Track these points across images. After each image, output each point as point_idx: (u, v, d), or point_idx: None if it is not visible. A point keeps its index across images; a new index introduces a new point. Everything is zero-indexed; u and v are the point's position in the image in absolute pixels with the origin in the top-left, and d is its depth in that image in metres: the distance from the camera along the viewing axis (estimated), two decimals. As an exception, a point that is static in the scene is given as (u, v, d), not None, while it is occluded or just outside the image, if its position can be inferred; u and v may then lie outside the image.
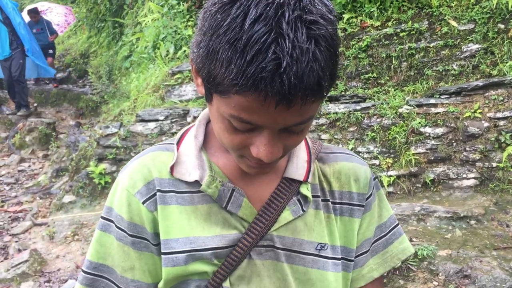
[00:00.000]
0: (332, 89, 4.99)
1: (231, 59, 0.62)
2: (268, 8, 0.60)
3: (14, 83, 8.25)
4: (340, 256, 0.92)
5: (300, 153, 0.92)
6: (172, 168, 0.87)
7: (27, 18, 9.44)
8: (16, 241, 4.70)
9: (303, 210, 0.88)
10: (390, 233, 0.99)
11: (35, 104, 9.37)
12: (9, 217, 5.35)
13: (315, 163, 0.94)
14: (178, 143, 0.91)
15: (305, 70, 0.60)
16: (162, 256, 0.85)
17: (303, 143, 0.93)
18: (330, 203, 0.92)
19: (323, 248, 0.89)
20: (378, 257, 0.98)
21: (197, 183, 0.86)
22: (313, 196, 0.90)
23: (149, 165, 0.88)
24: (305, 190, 0.89)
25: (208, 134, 0.92)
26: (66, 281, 3.91)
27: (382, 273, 0.98)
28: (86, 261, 0.91)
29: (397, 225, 1.01)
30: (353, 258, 0.95)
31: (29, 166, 7.13)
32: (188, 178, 0.86)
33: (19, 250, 4.45)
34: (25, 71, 8.33)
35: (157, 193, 0.86)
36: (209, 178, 0.85)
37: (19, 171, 6.95)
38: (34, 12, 9.66)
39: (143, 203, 0.85)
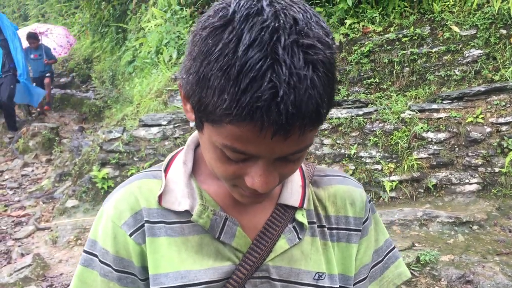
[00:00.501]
0: (335, 94, 5.00)
1: (224, 87, 0.57)
2: (263, 33, 0.56)
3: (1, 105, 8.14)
4: (338, 285, 0.87)
5: (294, 177, 0.87)
6: (160, 197, 0.81)
7: (25, 43, 8.98)
8: (19, 246, 4.71)
9: (299, 238, 0.84)
10: (386, 258, 0.96)
11: (39, 109, 9.41)
12: (12, 221, 5.37)
13: (309, 188, 0.89)
14: (166, 169, 0.86)
15: (303, 98, 0.57)
16: None
17: None
18: (326, 229, 0.88)
19: (321, 278, 0.84)
20: (376, 284, 0.95)
21: (187, 212, 0.80)
22: (309, 223, 0.86)
23: (136, 194, 0.82)
24: (301, 216, 0.84)
25: (197, 160, 0.87)
26: (68, 285, 3.92)
27: None
28: None
29: (393, 248, 0.98)
30: (351, 286, 0.91)
31: (33, 170, 7.15)
32: (177, 208, 0.81)
33: (22, 255, 4.47)
34: (15, 96, 8.01)
35: (145, 224, 0.80)
36: (200, 207, 0.79)
37: (22, 175, 6.97)
38: (33, 38, 9.23)
39: (130, 235, 0.80)
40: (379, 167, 4.32)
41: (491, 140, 4.06)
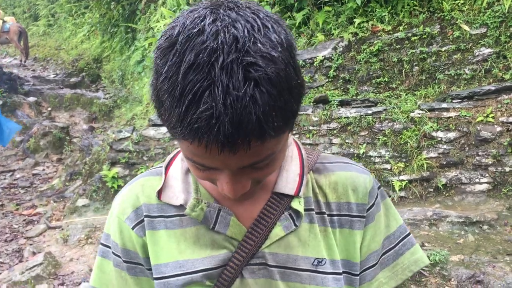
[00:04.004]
0: (343, 93, 5.01)
1: (171, 107, 0.61)
2: (201, 55, 0.57)
3: None
4: (341, 271, 0.87)
5: (291, 166, 0.88)
6: (159, 192, 0.87)
7: None
8: (31, 244, 4.77)
9: (295, 225, 0.85)
10: (400, 244, 0.94)
11: (49, 109, 9.49)
12: (24, 220, 5.43)
13: (310, 175, 0.90)
14: (167, 166, 0.91)
15: (242, 117, 0.57)
16: (155, 281, 0.86)
17: (296, 155, 0.91)
18: (326, 215, 0.88)
19: (320, 263, 0.85)
20: (388, 270, 0.93)
21: (183, 206, 0.85)
22: (306, 210, 0.87)
23: (137, 191, 0.89)
24: (297, 204, 0.85)
25: None
26: (79, 283, 3.96)
27: (393, 287, 0.94)
28: (90, 286, 0.95)
29: (408, 234, 0.96)
30: (357, 272, 0.90)
31: (43, 170, 7.22)
32: (175, 202, 0.86)
33: (34, 253, 4.52)
34: None
35: (145, 219, 0.87)
36: (193, 201, 0.84)
37: (33, 174, 7.04)
38: None
39: (133, 228, 0.87)
40: (388, 166, 4.31)
41: (502, 140, 4.04)
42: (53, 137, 7.76)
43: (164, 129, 5.23)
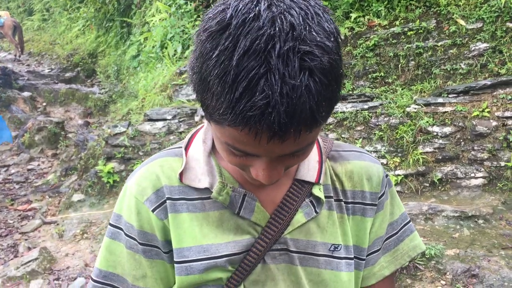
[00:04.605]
0: (338, 95, 4.98)
1: (221, 94, 0.59)
2: (258, 41, 0.56)
3: None
4: (353, 256, 0.91)
5: (311, 154, 0.89)
6: (181, 175, 0.85)
7: None
8: (26, 239, 4.75)
9: (316, 211, 0.87)
10: (401, 231, 0.98)
11: (44, 104, 9.44)
12: (19, 215, 5.41)
13: (327, 163, 0.92)
14: (187, 147, 0.89)
15: (296, 106, 0.57)
16: (176, 264, 0.84)
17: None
18: (343, 203, 0.90)
19: (336, 249, 0.88)
20: (389, 255, 0.97)
21: (207, 189, 0.84)
22: (326, 197, 0.88)
23: (157, 172, 0.86)
24: (318, 191, 0.87)
25: None
26: (75, 279, 3.95)
27: (392, 271, 0.97)
28: (95, 269, 0.90)
29: (409, 222, 1.00)
30: (364, 257, 0.94)
31: (38, 165, 7.19)
32: (198, 185, 0.84)
33: (29, 248, 4.50)
34: None
35: (167, 201, 0.84)
36: (219, 185, 0.83)
37: (28, 170, 7.01)
38: None
39: (153, 211, 0.84)
40: (384, 161, 4.31)
41: (497, 134, 4.05)
42: (48, 132, 7.72)
43: (159, 124, 5.21)
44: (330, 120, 4.54)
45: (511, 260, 3.14)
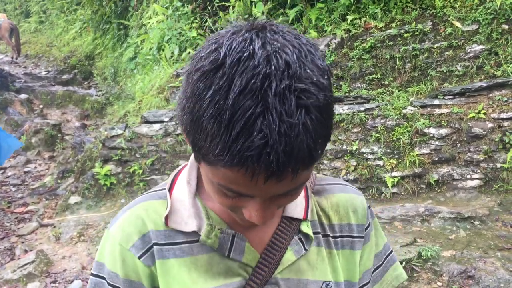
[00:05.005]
0: (336, 90, 5.01)
1: (216, 134, 0.58)
2: (254, 79, 0.56)
3: None
4: None
5: None
6: (166, 218, 0.81)
7: None
8: (23, 242, 4.74)
9: (305, 249, 0.85)
10: (385, 261, 0.99)
11: (41, 106, 9.43)
12: (16, 218, 5.39)
13: (312, 198, 0.90)
14: (170, 189, 0.86)
15: (295, 145, 0.56)
16: None
17: None
18: (331, 238, 0.89)
19: (328, 286, 0.86)
20: (377, 287, 0.98)
21: (195, 232, 0.81)
22: (314, 233, 0.87)
23: (142, 216, 0.83)
24: (306, 228, 0.86)
25: (201, 178, 0.85)
26: (72, 281, 3.94)
27: None
28: None
29: (391, 251, 1.01)
30: None
31: (35, 167, 7.18)
32: (184, 228, 0.81)
33: (26, 251, 4.49)
34: None
35: (154, 247, 0.81)
36: (207, 227, 0.80)
37: (25, 172, 7.00)
38: None
39: (139, 257, 0.81)
40: (381, 163, 4.32)
41: (493, 136, 4.06)
42: (45, 134, 7.71)
43: (156, 126, 5.21)
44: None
45: (507, 261, 3.15)
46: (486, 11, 4.47)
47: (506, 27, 4.36)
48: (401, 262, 3.19)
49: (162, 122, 5.24)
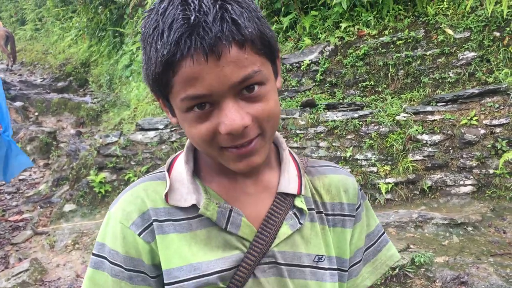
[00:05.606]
0: (330, 97, 5.04)
1: (157, 44, 0.69)
2: None
3: None
4: (336, 267, 0.93)
5: (290, 168, 0.93)
6: (166, 196, 0.85)
7: None
8: (17, 250, 4.72)
9: (300, 223, 0.89)
10: (378, 241, 1.02)
11: (36, 113, 9.42)
12: (10, 226, 5.38)
13: (305, 177, 0.95)
14: (169, 170, 0.90)
15: (216, 17, 0.67)
16: (166, 287, 0.83)
17: (290, 159, 0.95)
18: (323, 215, 0.93)
19: (320, 260, 0.90)
20: (369, 265, 1.00)
21: (193, 208, 0.85)
22: (308, 209, 0.91)
23: (142, 195, 0.86)
24: (300, 203, 0.90)
25: (198, 160, 0.91)
26: (66, 290, 3.93)
27: (373, 281, 1.01)
28: None
29: (383, 232, 1.04)
30: (347, 269, 0.96)
31: (30, 175, 7.16)
32: (184, 204, 0.85)
33: (20, 259, 4.48)
34: None
35: (154, 223, 0.84)
36: (206, 200, 0.84)
37: (20, 180, 6.98)
38: None
39: (139, 234, 0.84)
40: (374, 169, 4.34)
41: (485, 142, 4.09)
42: (40, 142, 7.70)
43: (151, 134, 5.23)
44: (321, 128, 4.57)
45: (500, 267, 3.17)
46: (477, 18, 4.51)
47: (498, 34, 4.41)
48: (394, 269, 3.20)
49: (157, 129, 5.25)
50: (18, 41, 14.07)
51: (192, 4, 0.67)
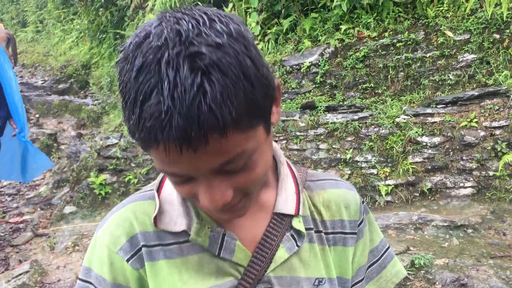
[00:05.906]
0: (330, 99, 5.05)
1: (129, 116, 0.60)
2: (148, 55, 0.56)
3: None
4: None
5: (288, 185, 0.87)
6: (155, 219, 0.79)
7: None
8: (17, 252, 4.73)
9: (297, 245, 0.83)
10: (383, 257, 0.96)
11: (37, 115, 9.43)
12: (10, 228, 5.38)
13: (304, 193, 0.89)
14: (159, 189, 0.84)
15: (192, 107, 0.54)
16: None
17: (288, 174, 0.89)
18: (323, 234, 0.87)
19: (321, 283, 0.84)
20: (373, 284, 0.95)
21: (184, 232, 0.79)
22: (306, 229, 0.85)
23: (130, 218, 0.81)
24: (298, 224, 0.84)
25: None
26: (66, 291, 3.94)
27: None
28: None
29: (388, 248, 0.98)
30: None
31: (31, 177, 7.17)
32: (174, 228, 0.79)
33: (20, 261, 4.48)
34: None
35: (143, 249, 0.79)
36: (197, 225, 0.78)
37: (20, 182, 6.98)
38: None
39: (127, 260, 0.79)
40: (374, 171, 4.34)
41: (485, 144, 4.09)
42: (41, 144, 7.71)
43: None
44: (321, 130, 4.57)
45: (500, 269, 3.16)
46: (477, 20, 4.52)
47: (497, 36, 4.41)
48: (394, 271, 3.20)
49: (157, 131, 5.25)
50: (19, 43, 14.10)
51: (166, 81, 0.55)
